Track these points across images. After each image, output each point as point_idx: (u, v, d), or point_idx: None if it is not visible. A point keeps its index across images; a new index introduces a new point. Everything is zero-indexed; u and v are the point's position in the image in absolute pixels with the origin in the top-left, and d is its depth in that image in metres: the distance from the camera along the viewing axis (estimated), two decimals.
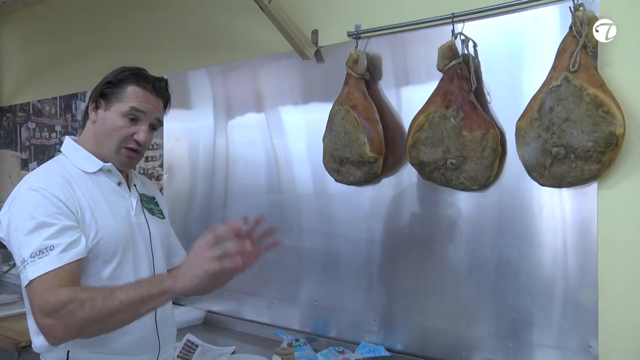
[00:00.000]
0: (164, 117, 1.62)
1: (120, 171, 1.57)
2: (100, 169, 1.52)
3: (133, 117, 1.51)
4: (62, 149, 1.57)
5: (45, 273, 1.31)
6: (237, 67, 2.48)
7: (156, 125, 1.57)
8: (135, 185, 1.62)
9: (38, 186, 1.39)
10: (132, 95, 1.51)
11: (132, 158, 1.54)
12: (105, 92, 1.52)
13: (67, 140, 1.57)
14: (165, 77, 1.61)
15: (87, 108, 1.56)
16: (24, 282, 1.34)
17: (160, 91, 1.57)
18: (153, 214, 1.64)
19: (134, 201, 1.57)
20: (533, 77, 1.67)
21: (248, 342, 2.26)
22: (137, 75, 1.53)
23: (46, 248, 1.33)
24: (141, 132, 1.52)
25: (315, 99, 2.22)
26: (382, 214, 2.04)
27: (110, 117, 1.51)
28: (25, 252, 1.33)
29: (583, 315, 1.62)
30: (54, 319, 1.29)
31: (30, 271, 1.32)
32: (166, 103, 1.61)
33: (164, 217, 1.70)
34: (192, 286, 1.27)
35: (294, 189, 2.29)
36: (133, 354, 1.50)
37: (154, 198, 1.70)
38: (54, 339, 1.32)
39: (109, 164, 1.52)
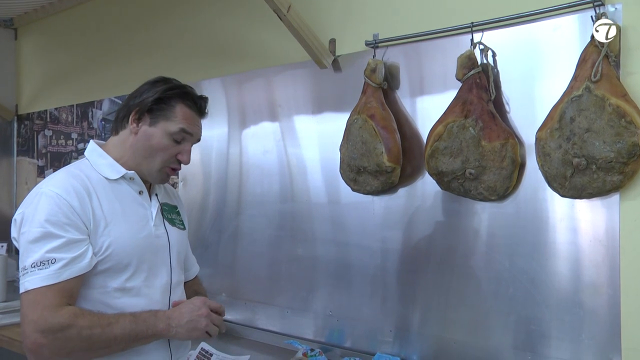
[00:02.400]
0: None
1: (141, 178, 1.55)
2: (123, 177, 1.51)
3: (179, 139, 1.52)
4: (85, 153, 1.56)
5: (43, 287, 1.31)
6: (253, 76, 2.49)
7: (195, 144, 1.59)
8: (157, 195, 1.60)
9: (55, 192, 1.39)
10: (181, 116, 1.51)
11: (171, 176, 1.58)
12: (152, 108, 1.50)
13: (92, 145, 1.56)
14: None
15: (122, 116, 1.54)
16: (21, 289, 1.35)
17: (204, 110, 1.58)
18: (174, 224, 1.62)
19: (154, 211, 1.55)
20: (553, 87, 1.66)
21: (262, 351, 2.25)
22: (186, 95, 1.53)
23: (47, 260, 1.33)
24: (185, 154, 1.54)
25: (332, 108, 2.22)
26: (398, 224, 2.02)
27: (157, 135, 1.50)
28: (27, 260, 1.34)
29: (605, 329, 1.59)
30: (47, 339, 1.30)
31: (29, 281, 1.32)
32: None
33: (184, 228, 1.69)
34: (181, 339, 1.51)
35: (309, 198, 2.29)
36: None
37: (175, 207, 1.68)
38: (38, 357, 1.33)
39: (132, 172, 1.51)
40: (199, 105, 1.56)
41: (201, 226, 2.67)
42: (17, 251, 1.47)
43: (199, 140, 1.59)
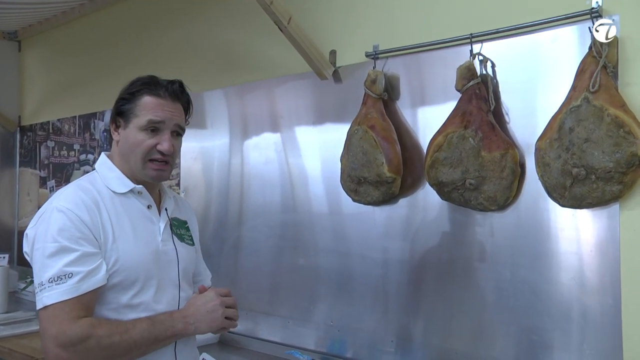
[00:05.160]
0: (189, 118, 1.57)
1: (151, 191, 1.53)
2: (131, 191, 1.50)
3: (153, 129, 1.46)
4: (96, 166, 1.55)
5: (62, 301, 1.31)
6: (255, 87, 2.51)
7: (179, 132, 1.52)
8: (166, 209, 1.57)
9: (65, 207, 1.39)
10: (147, 107, 1.46)
11: (162, 170, 1.50)
12: (122, 110, 1.49)
13: (102, 157, 1.55)
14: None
15: (109, 127, 1.55)
16: (39, 305, 1.34)
17: (176, 94, 1.50)
18: (182, 240, 1.60)
19: (162, 226, 1.53)
20: (552, 98, 1.67)
21: None
22: (148, 85, 1.49)
23: (65, 275, 1.33)
24: (164, 142, 1.47)
25: (333, 119, 2.23)
26: (399, 234, 2.02)
27: (131, 134, 1.47)
28: (44, 275, 1.34)
29: (606, 340, 1.59)
30: (68, 352, 1.30)
31: (47, 296, 1.32)
32: (186, 105, 1.55)
33: (193, 244, 1.66)
34: (203, 333, 1.52)
35: (310, 208, 2.29)
36: None
37: (185, 222, 1.65)
38: None
39: (140, 186, 1.50)
40: (168, 89, 1.48)
41: (203, 236, 2.63)
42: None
43: (180, 127, 1.51)
